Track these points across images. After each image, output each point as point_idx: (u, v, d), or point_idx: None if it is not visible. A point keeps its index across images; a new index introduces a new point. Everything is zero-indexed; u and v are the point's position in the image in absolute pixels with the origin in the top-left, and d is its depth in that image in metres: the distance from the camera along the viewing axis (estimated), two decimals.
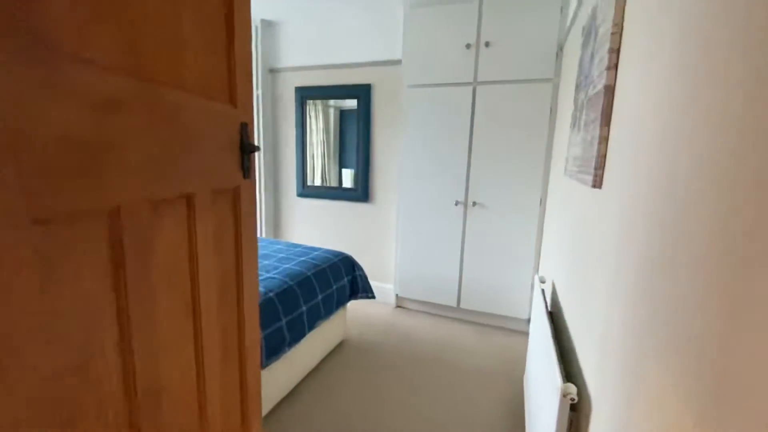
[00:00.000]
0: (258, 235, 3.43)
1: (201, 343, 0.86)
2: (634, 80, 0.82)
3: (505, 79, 2.46)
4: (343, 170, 3.23)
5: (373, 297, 2.52)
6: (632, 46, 0.86)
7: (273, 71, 3.29)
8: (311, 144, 3.24)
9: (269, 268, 2.03)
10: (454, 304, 2.82)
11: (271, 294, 1.75)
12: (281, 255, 2.27)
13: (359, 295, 2.41)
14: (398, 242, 2.94)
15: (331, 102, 3.13)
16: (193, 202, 0.81)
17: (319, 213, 3.36)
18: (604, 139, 1.01)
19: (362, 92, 3.00)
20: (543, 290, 1.69)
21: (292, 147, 3.35)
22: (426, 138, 2.73)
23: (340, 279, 2.25)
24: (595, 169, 1.03)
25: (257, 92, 3.24)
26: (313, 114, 3.21)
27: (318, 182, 3.28)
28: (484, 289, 2.71)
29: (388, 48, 2.87)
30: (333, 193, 3.26)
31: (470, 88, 2.55)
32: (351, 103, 3.08)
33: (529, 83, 2.42)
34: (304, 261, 2.17)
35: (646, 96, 0.72)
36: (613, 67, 0.98)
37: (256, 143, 3.39)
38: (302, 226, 3.45)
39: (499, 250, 2.63)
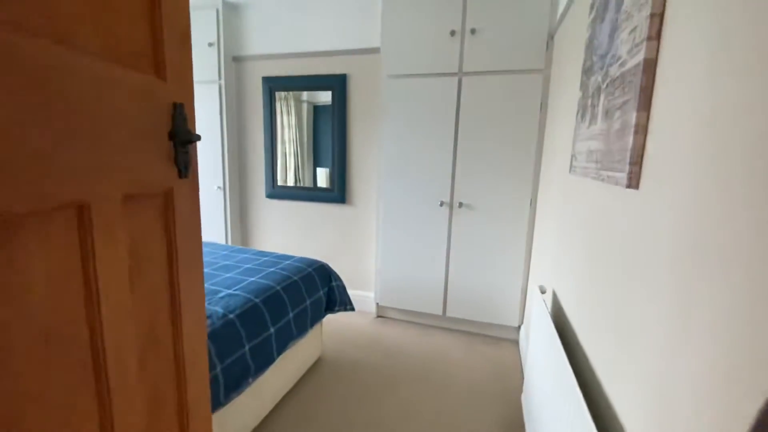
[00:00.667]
0: (224, 242, 3.12)
1: (111, 421, 0.59)
2: (690, 47, 0.62)
3: (492, 70, 2.28)
4: (318, 169, 2.97)
5: (352, 309, 2.28)
6: (686, 5, 0.67)
7: (237, 59, 2.98)
8: (283, 142, 2.96)
9: (231, 283, 1.75)
10: (439, 312, 2.62)
11: (231, 316, 1.47)
12: (247, 266, 1.98)
13: (337, 308, 2.16)
14: (378, 247, 2.71)
15: (305, 96, 2.86)
16: (89, 215, 0.54)
17: (291, 216, 3.07)
18: (641, 128, 0.81)
19: (337, 83, 2.74)
20: (544, 301, 1.50)
21: (260, 144, 3.05)
22: (407, 133, 2.51)
23: (314, 292, 1.99)
24: (630, 164, 0.83)
25: (219, 82, 2.92)
26: (284, 109, 2.92)
27: (291, 182, 3.00)
28: (472, 296, 2.52)
29: (366, 35, 2.63)
30: (306, 194, 2.98)
31: (455, 78, 2.35)
32: (326, 98, 2.82)
33: (518, 74, 2.24)
34: (273, 272, 1.90)
35: (712, 62, 0.52)
36: (655, 36, 0.78)
37: (207, 139, 3.14)
38: (272, 231, 3.16)
39: (487, 254, 2.45)
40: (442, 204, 2.49)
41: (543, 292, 1.61)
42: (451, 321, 2.66)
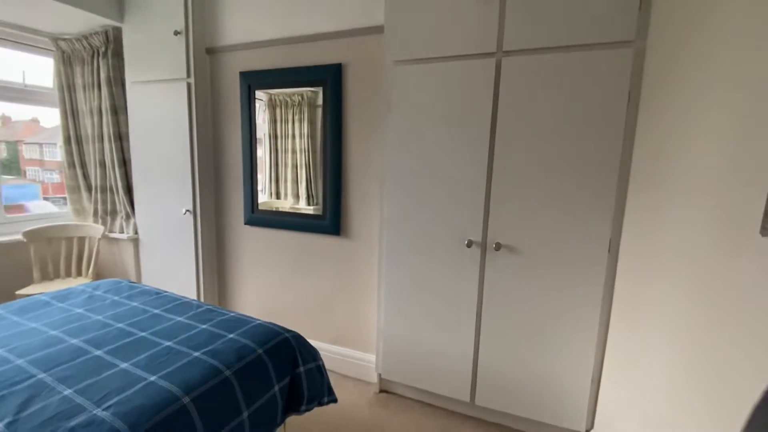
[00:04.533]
0: (194, 280, 2.43)
1: None
2: None
3: (548, 45, 1.49)
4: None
5: (333, 401, 1.53)
6: None
7: (212, 52, 2.37)
8: (294, 152, 2.25)
9: (113, 389, 1.06)
10: (465, 398, 1.81)
11: None
12: (159, 347, 1.29)
13: (304, 407, 1.42)
14: (381, 298, 1.96)
15: (320, 101, 2.13)
16: None
17: (273, 249, 2.39)
18: None
19: (329, 75, 2.05)
20: None
21: (239, 155, 2.40)
22: (421, 142, 1.76)
23: (261, 392, 1.27)
24: None
25: (188, 80, 2.32)
26: (296, 116, 2.23)
27: (303, 198, 2.26)
28: (513, 382, 1.70)
29: (365, 10, 1.92)
30: (291, 221, 2.29)
31: (491, 61, 1.58)
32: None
33: (591, 50, 1.44)
34: (192, 363, 1.19)
35: None
36: None
37: (172, 152, 2.27)
38: (252, 268, 2.49)
39: (539, 321, 1.62)
40: (470, 244, 1.70)
41: None
42: (482, 411, 1.84)
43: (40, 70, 2.84)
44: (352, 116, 2.06)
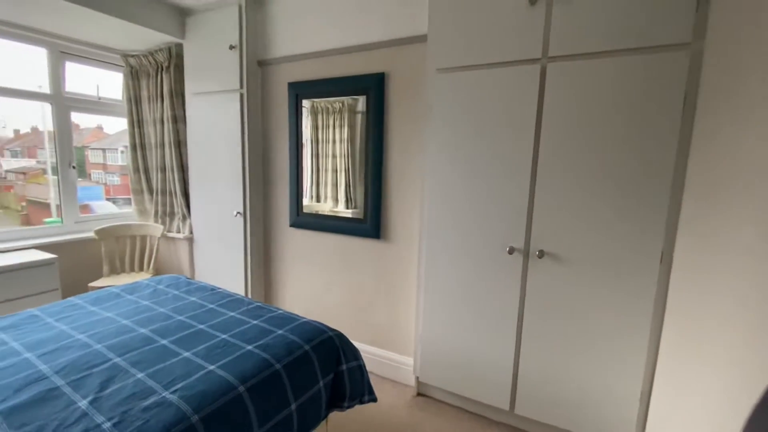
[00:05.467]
0: (242, 278, 2.60)
1: None
2: None
3: (597, 50, 1.46)
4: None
5: (373, 400, 1.58)
6: None
7: (263, 64, 2.52)
8: (334, 156, 2.35)
9: (178, 375, 1.17)
10: (505, 406, 1.80)
11: None
12: (216, 339, 1.40)
13: (347, 403, 1.48)
14: (420, 302, 1.99)
15: (360, 106, 2.20)
16: None
17: (316, 251, 2.49)
18: None
19: (373, 84, 2.11)
20: None
21: (286, 161, 2.53)
22: (462, 148, 1.77)
23: (308, 386, 1.34)
24: None
25: (241, 91, 2.48)
26: (336, 122, 2.33)
27: (342, 202, 2.35)
28: (557, 393, 1.66)
29: (409, 20, 1.98)
30: (334, 224, 2.38)
31: (536, 67, 1.58)
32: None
33: (645, 54, 1.40)
34: (245, 355, 1.29)
35: None
36: None
37: (226, 158, 2.44)
38: (296, 269, 2.60)
39: (584, 332, 1.58)
40: (512, 251, 1.69)
41: None
42: (521, 420, 1.82)
43: (108, 83, 3.14)
44: (393, 123, 2.11)
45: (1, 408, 1.02)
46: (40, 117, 2.88)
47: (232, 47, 2.45)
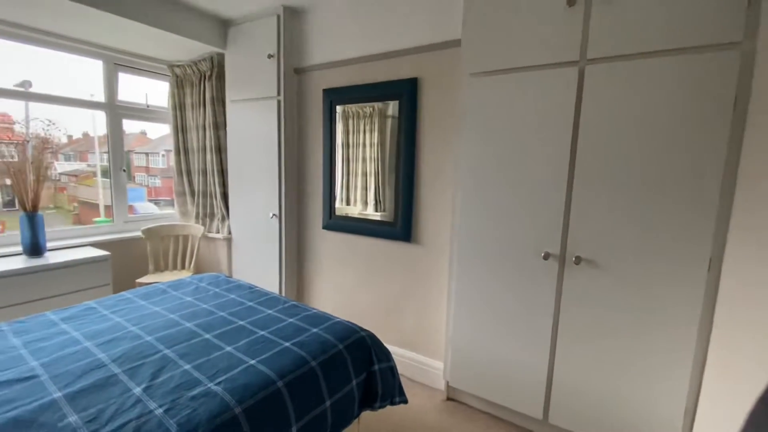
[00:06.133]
0: (276, 278, 2.70)
1: None
2: None
3: (638, 51, 1.42)
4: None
5: (404, 402, 1.60)
6: None
7: (299, 71, 2.61)
8: (364, 160, 2.41)
9: (221, 368, 1.24)
10: (538, 415, 1.76)
11: None
12: (256, 335, 1.47)
13: (378, 404, 1.51)
14: (451, 305, 1.99)
15: (390, 111, 2.25)
16: None
17: (348, 253, 2.54)
18: None
19: (405, 90, 2.14)
20: None
21: (319, 165, 2.60)
22: (495, 151, 1.77)
23: (341, 384, 1.37)
24: None
25: (278, 98, 2.58)
26: (367, 127, 2.39)
27: (372, 204, 2.41)
28: (592, 403, 1.61)
29: (442, 26, 1.99)
30: (365, 227, 2.42)
31: (573, 69, 1.55)
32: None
33: (691, 54, 1.35)
34: (283, 352, 1.34)
35: None
36: None
37: (264, 162, 2.55)
38: (328, 270, 2.66)
39: (624, 342, 1.53)
40: (547, 256, 1.66)
41: None
42: (555, 430, 1.77)
43: (154, 92, 3.34)
44: (425, 128, 2.13)
45: (67, 392, 1.11)
46: (91, 123, 3.12)
47: (270, 56, 2.55)
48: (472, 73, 1.81)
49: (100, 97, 2.93)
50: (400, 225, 2.25)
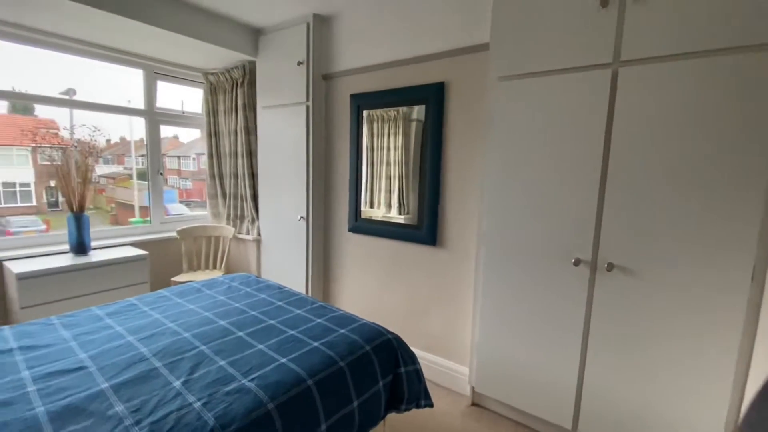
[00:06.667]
0: (303, 279, 2.76)
1: None
2: None
3: (678, 52, 1.38)
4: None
5: (430, 405, 1.60)
6: None
7: (327, 77, 2.67)
8: (388, 164, 2.44)
9: (254, 365, 1.28)
10: (567, 424, 1.72)
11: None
12: (286, 334, 1.51)
13: (404, 406, 1.52)
14: (477, 310, 1.97)
15: (414, 114, 2.28)
16: None
17: (373, 255, 2.57)
18: None
19: (432, 94, 2.15)
20: None
21: (347, 170, 2.65)
22: (523, 156, 1.75)
23: (369, 385, 1.40)
24: None
25: (307, 103, 2.64)
26: (391, 130, 2.42)
27: (395, 207, 2.44)
28: (626, 416, 1.56)
29: (470, 29, 1.99)
30: (389, 230, 2.44)
31: (606, 72, 1.52)
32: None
33: (737, 54, 1.29)
34: (312, 351, 1.37)
35: None
36: None
37: (293, 166, 2.64)
38: (353, 272, 2.70)
39: (658, 354, 1.48)
40: (577, 262, 1.63)
41: None
42: None
43: (184, 98, 3.49)
44: (451, 131, 2.13)
45: (113, 383, 1.19)
46: (128, 128, 3.29)
47: (299, 63, 2.62)
48: (501, 77, 1.80)
49: (137, 103, 3.09)
50: (426, 228, 2.25)
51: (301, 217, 2.76)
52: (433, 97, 2.15)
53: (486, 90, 1.90)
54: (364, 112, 2.49)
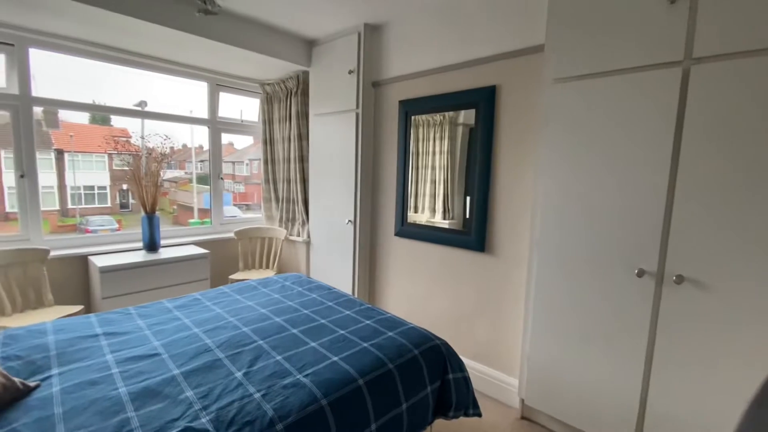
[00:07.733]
0: (349, 281, 2.83)
1: None
2: None
3: (759, 48, 1.26)
4: (468, 198, 2.34)
5: (478, 415, 1.57)
6: None
7: (376, 85, 2.73)
8: (433, 168, 2.45)
9: (309, 362, 1.34)
10: None
11: (279, 426, 1.03)
12: (337, 333, 1.56)
13: (452, 413, 1.50)
14: (528, 320, 1.91)
15: (461, 118, 2.28)
16: None
17: (419, 260, 2.57)
18: None
19: (482, 98, 2.13)
20: None
21: (395, 175, 2.68)
22: (582, 160, 1.67)
23: (417, 389, 1.40)
24: None
25: (357, 110, 2.72)
26: (437, 134, 2.43)
27: (440, 212, 2.44)
28: None
29: (523, 31, 1.95)
30: (436, 235, 2.43)
31: (676, 71, 1.42)
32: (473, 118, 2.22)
33: None
34: (362, 352, 1.41)
35: None
36: None
37: (342, 171, 2.73)
38: (399, 276, 2.72)
39: (735, 376, 1.34)
40: (641, 274, 1.53)
41: None
42: None
43: (240, 108, 3.71)
44: (503, 136, 2.09)
45: (183, 370, 1.29)
46: (189, 136, 3.56)
47: (350, 72, 2.70)
48: (556, 78, 1.74)
49: (199, 113, 3.35)
50: (474, 234, 2.22)
51: (349, 221, 2.83)
52: (483, 101, 2.12)
53: (540, 92, 1.85)
54: (412, 118, 2.51)
